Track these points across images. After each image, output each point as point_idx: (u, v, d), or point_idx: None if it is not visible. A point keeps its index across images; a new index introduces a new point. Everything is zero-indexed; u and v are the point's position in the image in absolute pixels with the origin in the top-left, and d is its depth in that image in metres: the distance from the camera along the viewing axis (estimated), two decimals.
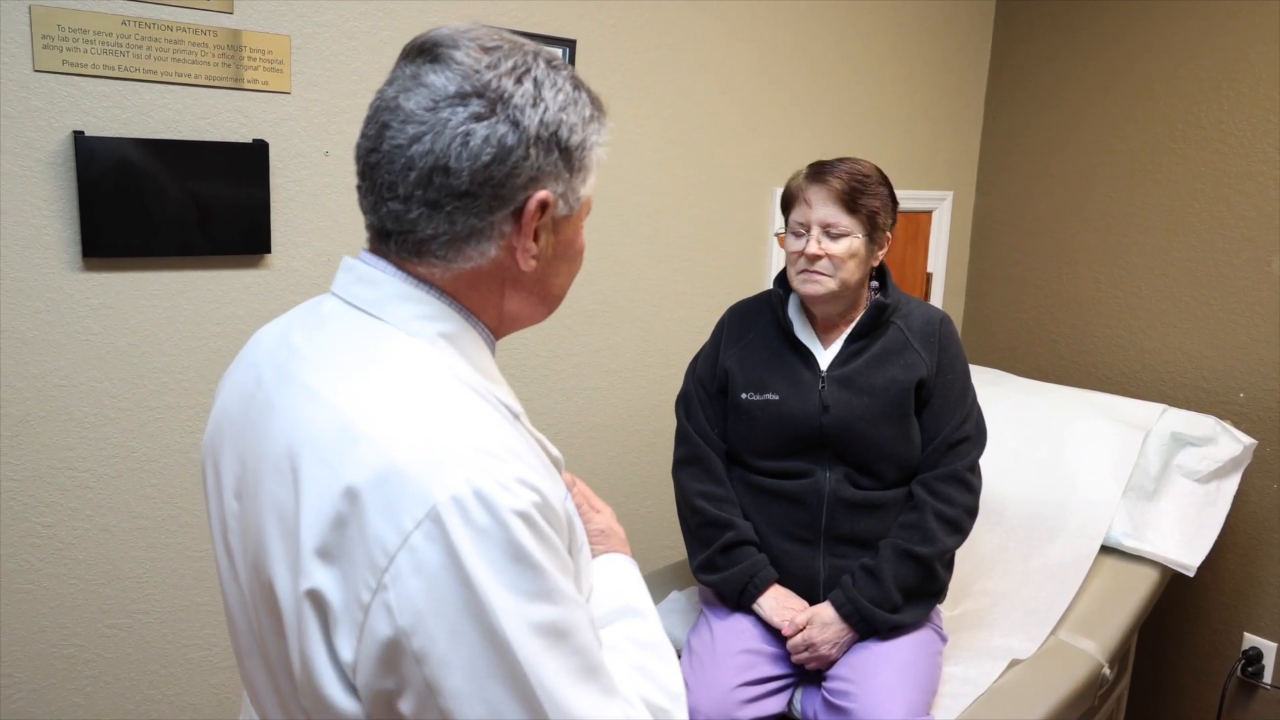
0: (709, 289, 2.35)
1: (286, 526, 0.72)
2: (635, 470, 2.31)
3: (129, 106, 1.54)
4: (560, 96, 0.79)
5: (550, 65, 0.80)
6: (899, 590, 1.64)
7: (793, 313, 1.77)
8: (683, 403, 1.83)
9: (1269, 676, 2.40)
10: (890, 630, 1.65)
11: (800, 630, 1.65)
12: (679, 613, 1.91)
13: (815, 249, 1.64)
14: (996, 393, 2.41)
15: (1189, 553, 2.12)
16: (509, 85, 0.76)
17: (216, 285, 1.67)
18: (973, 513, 1.72)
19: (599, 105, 0.84)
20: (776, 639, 1.69)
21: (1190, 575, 2.12)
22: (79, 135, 1.49)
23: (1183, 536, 2.14)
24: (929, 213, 2.80)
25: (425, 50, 0.78)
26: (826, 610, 1.65)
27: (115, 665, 1.68)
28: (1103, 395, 2.42)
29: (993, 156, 2.89)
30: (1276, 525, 2.37)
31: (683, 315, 2.32)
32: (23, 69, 1.45)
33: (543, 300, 0.87)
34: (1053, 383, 2.61)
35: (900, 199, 1.76)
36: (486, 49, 0.78)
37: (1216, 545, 2.18)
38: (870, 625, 1.64)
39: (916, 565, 1.64)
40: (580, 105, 0.81)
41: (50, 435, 1.56)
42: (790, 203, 1.72)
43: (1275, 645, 2.39)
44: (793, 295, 1.78)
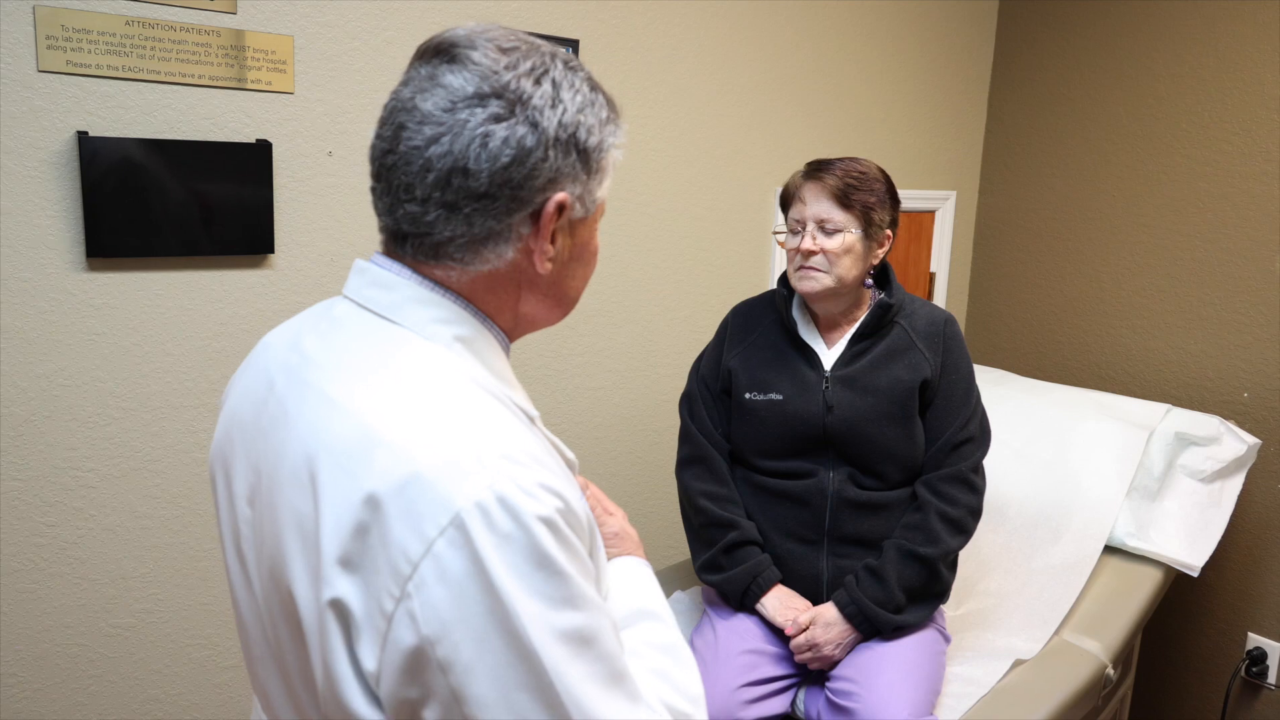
0: (712, 289, 2.35)
1: (306, 535, 0.72)
2: (638, 470, 2.31)
3: (132, 107, 1.55)
4: (578, 98, 0.79)
5: (568, 66, 0.80)
6: (902, 591, 1.64)
7: (796, 312, 1.77)
8: (686, 403, 1.83)
9: (1273, 677, 2.40)
10: (893, 630, 1.65)
11: (803, 630, 1.64)
12: (682, 613, 1.91)
13: (810, 244, 1.64)
14: (1000, 393, 2.41)
15: (1193, 553, 2.11)
16: (528, 86, 0.76)
17: (220, 285, 1.67)
18: (976, 513, 1.71)
19: (615, 107, 0.84)
20: (780, 639, 1.69)
21: (1194, 575, 2.12)
22: (83, 135, 1.49)
23: (1187, 536, 2.14)
24: (932, 212, 2.80)
25: (442, 51, 0.77)
26: (830, 610, 1.65)
27: (119, 664, 1.68)
28: (1106, 395, 2.41)
29: (996, 156, 2.88)
30: None
31: (686, 315, 2.32)
32: (27, 69, 1.46)
33: (558, 303, 0.86)
34: (1056, 382, 2.61)
35: (903, 199, 1.76)
36: (504, 49, 0.77)
37: (1220, 545, 2.18)
38: (874, 625, 1.64)
39: (920, 566, 1.64)
40: (598, 107, 0.81)
41: (54, 435, 1.57)
42: (788, 201, 1.72)
43: (1279, 645, 2.39)
44: (796, 295, 1.78)
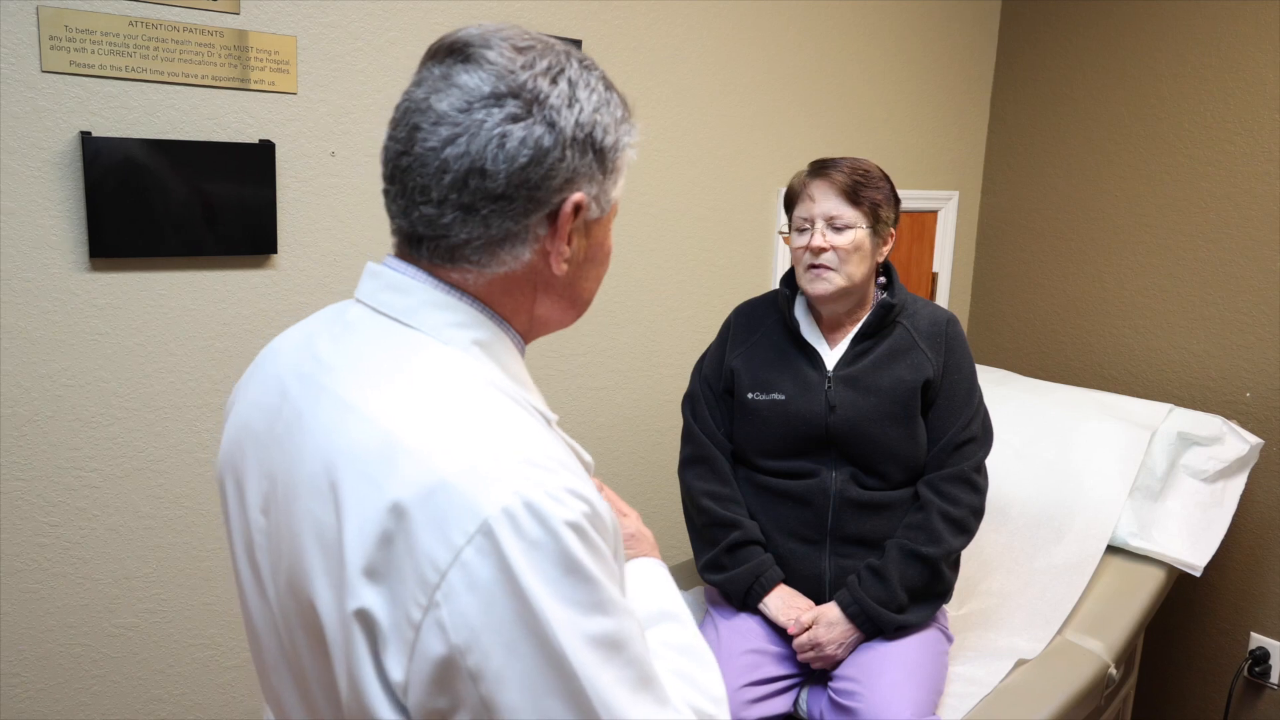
0: (714, 289, 2.35)
1: (327, 545, 0.70)
2: (640, 471, 2.31)
3: (136, 107, 1.55)
4: (594, 97, 0.78)
5: (583, 65, 0.79)
6: (905, 590, 1.64)
7: (799, 312, 1.77)
8: (689, 402, 1.83)
9: (1275, 676, 2.40)
10: (896, 630, 1.65)
11: (806, 629, 1.64)
12: None
13: (820, 241, 1.64)
14: (1002, 392, 2.41)
15: (1195, 553, 2.11)
16: (544, 85, 0.75)
17: (223, 285, 1.68)
18: (979, 513, 1.71)
19: (628, 106, 0.83)
20: (782, 639, 1.69)
21: (1197, 575, 2.12)
22: (86, 135, 1.49)
23: (1189, 536, 2.14)
24: (935, 212, 2.80)
25: (455, 50, 0.76)
26: (832, 610, 1.65)
27: (122, 664, 1.68)
28: (1109, 395, 2.41)
29: (998, 156, 2.88)
30: None
31: (688, 315, 2.32)
32: (30, 69, 1.46)
33: (572, 304, 0.85)
34: (1059, 382, 2.61)
35: (906, 199, 1.76)
36: (520, 48, 0.76)
37: (1223, 545, 2.18)
38: (876, 625, 1.64)
39: (922, 565, 1.64)
40: (613, 106, 0.80)
41: (57, 435, 1.57)
42: (793, 200, 1.72)
43: None
44: (799, 295, 1.78)
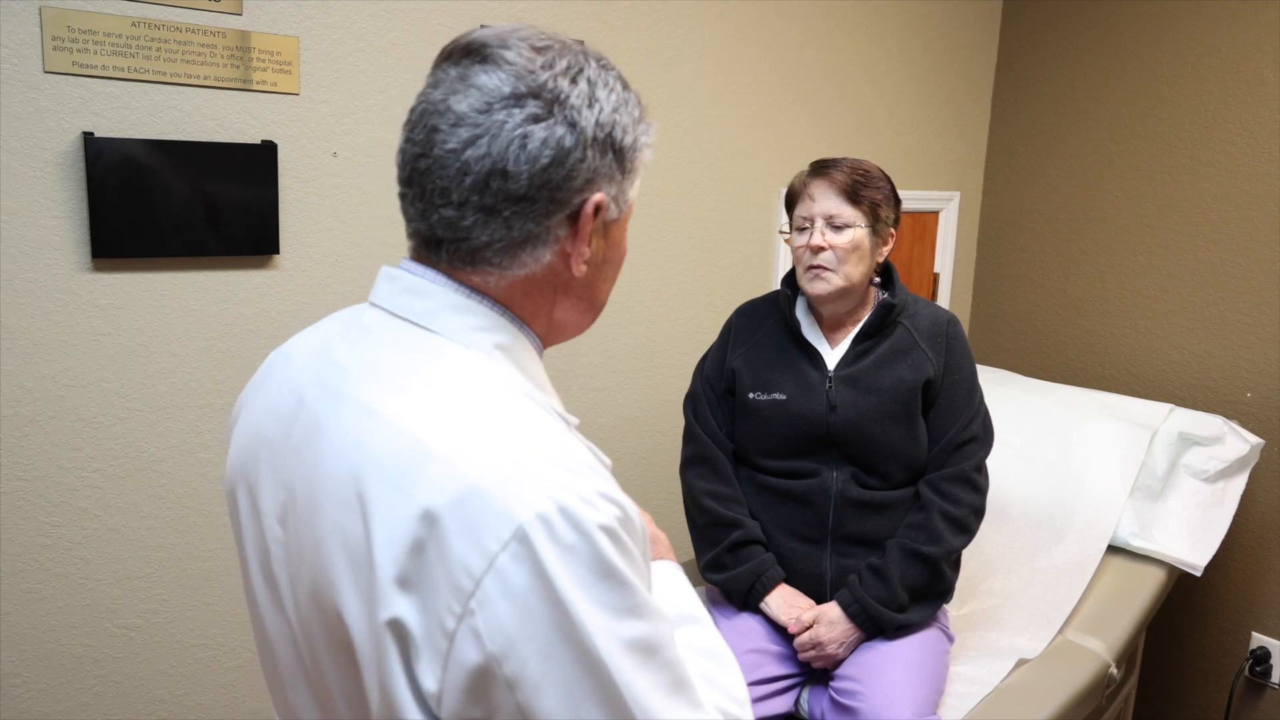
0: (716, 289, 2.35)
1: (355, 555, 0.69)
2: (642, 471, 2.31)
3: (138, 107, 1.55)
4: (613, 97, 0.78)
5: (601, 65, 0.79)
6: (906, 590, 1.64)
7: (800, 313, 1.77)
8: (690, 402, 1.84)
9: (1277, 676, 2.40)
10: (897, 630, 1.65)
11: (807, 629, 1.65)
12: None
13: (819, 240, 1.65)
14: (1003, 392, 2.41)
15: (1196, 552, 2.11)
16: (564, 85, 0.74)
17: (225, 286, 1.68)
18: (980, 513, 1.71)
19: (643, 106, 0.83)
20: (783, 638, 1.69)
21: (1197, 575, 2.12)
22: (88, 136, 1.49)
23: (1190, 536, 2.14)
24: (936, 213, 2.80)
25: (472, 51, 0.75)
26: (833, 609, 1.65)
27: (124, 665, 1.68)
28: (1110, 395, 2.41)
29: (999, 157, 2.89)
30: None
31: (689, 316, 2.32)
32: (33, 70, 1.46)
33: (590, 306, 0.84)
34: (1059, 383, 2.61)
35: (907, 199, 1.76)
36: (538, 49, 0.75)
37: (1224, 545, 2.18)
38: (877, 625, 1.64)
39: (923, 565, 1.64)
40: (631, 105, 0.80)
41: (59, 435, 1.57)
42: (794, 200, 1.72)
43: None
44: (800, 295, 1.78)
